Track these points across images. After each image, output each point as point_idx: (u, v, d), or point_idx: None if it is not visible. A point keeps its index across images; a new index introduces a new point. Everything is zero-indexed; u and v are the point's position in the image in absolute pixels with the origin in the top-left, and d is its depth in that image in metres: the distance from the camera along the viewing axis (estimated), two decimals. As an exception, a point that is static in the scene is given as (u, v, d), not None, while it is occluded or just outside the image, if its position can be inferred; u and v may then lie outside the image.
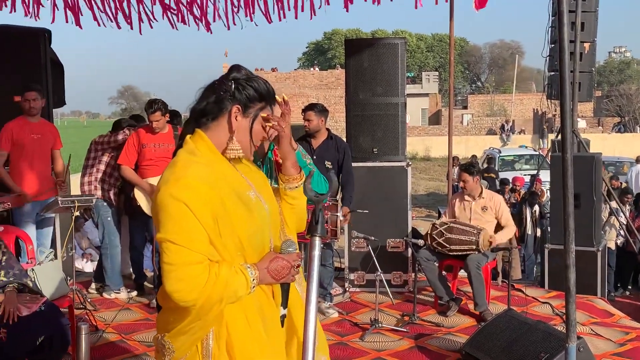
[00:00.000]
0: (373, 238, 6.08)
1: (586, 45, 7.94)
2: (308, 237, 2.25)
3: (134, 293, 6.75)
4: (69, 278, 5.52)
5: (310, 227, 2.24)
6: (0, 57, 6.94)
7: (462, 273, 6.74)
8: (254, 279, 2.21)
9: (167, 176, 2.19)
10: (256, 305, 2.27)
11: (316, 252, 2.21)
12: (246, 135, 2.33)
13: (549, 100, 8.74)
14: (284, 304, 2.37)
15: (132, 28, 7.45)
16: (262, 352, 2.24)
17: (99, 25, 7.35)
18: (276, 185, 3.27)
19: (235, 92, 2.29)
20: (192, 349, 2.24)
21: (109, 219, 6.71)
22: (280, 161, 3.24)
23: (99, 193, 6.57)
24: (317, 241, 2.23)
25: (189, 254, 2.10)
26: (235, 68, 2.36)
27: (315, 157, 4.52)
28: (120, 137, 6.62)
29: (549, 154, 8.67)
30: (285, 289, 2.36)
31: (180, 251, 2.09)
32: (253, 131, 2.34)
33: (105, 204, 6.68)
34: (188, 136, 2.32)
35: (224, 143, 2.31)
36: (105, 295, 6.69)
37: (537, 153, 20.17)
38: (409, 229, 6.95)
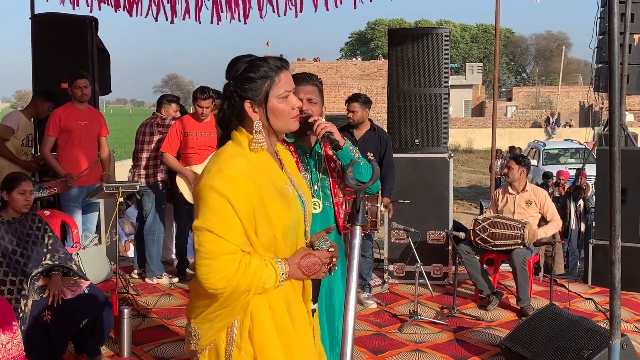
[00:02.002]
0: (413, 230, 6.05)
1: (636, 37, 7.75)
2: (349, 226, 2.24)
3: (176, 279, 6.84)
4: (112, 263, 5.62)
5: (351, 216, 2.23)
6: (48, 45, 7.10)
7: (502, 267, 6.67)
8: (283, 273, 2.23)
9: (210, 166, 2.22)
10: (282, 297, 2.28)
11: (357, 241, 2.20)
12: (273, 119, 2.31)
13: (596, 93, 8.58)
14: (314, 299, 2.43)
15: (172, 22, 7.51)
16: (284, 343, 2.26)
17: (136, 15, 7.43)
18: (326, 177, 3.30)
19: (237, 90, 2.28)
20: (217, 338, 2.27)
21: (152, 205, 6.81)
22: (330, 153, 3.26)
23: (142, 180, 6.66)
24: (358, 230, 2.22)
25: (223, 244, 2.14)
26: (229, 67, 2.33)
27: (357, 148, 4.52)
28: (167, 121, 6.70)
29: (595, 147, 8.50)
30: (317, 284, 2.41)
31: (215, 240, 2.14)
32: (269, 112, 2.29)
33: (149, 190, 6.77)
34: (234, 133, 2.33)
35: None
36: (147, 280, 6.79)
37: (583, 146, 19.76)
38: (450, 222, 6.89)
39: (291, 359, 2.27)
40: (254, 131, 2.28)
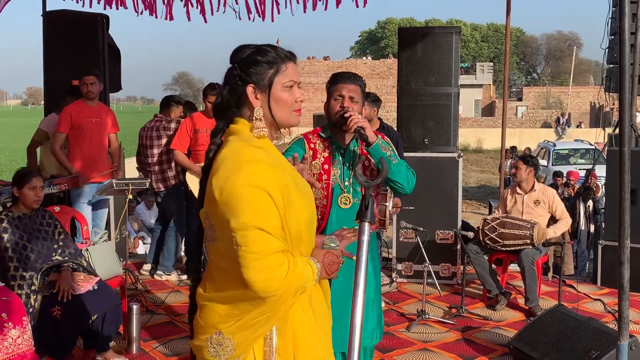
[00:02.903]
0: (422, 229, 6.05)
1: (647, 37, 7.70)
2: (357, 222, 2.24)
3: (184, 276, 6.87)
4: (121, 259, 5.65)
5: (360, 213, 2.22)
6: (59, 42, 7.14)
7: (511, 267, 6.66)
8: (318, 272, 2.16)
9: (231, 166, 2.06)
10: (307, 298, 2.21)
11: (365, 238, 2.19)
12: (275, 108, 2.21)
13: (607, 94, 8.53)
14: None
15: (189, 19, 7.54)
16: (319, 343, 2.20)
17: (151, 15, 7.46)
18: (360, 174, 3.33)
19: (242, 74, 2.18)
20: (253, 346, 2.12)
21: (176, 203, 6.89)
22: (365, 151, 3.34)
23: (160, 185, 6.73)
24: (367, 227, 2.21)
25: (273, 242, 2.01)
26: (234, 52, 2.24)
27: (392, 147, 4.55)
28: (173, 125, 6.75)
29: (605, 148, 8.46)
30: (330, 284, 2.39)
31: (265, 238, 2.00)
32: (272, 100, 2.20)
33: (166, 192, 6.86)
34: (232, 127, 2.21)
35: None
36: (156, 277, 6.83)
37: (593, 147, 19.65)
38: (459, 221, 6.88)
39: None
40: (254, 118, 2.18)
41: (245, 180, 2.01)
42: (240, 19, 7.46)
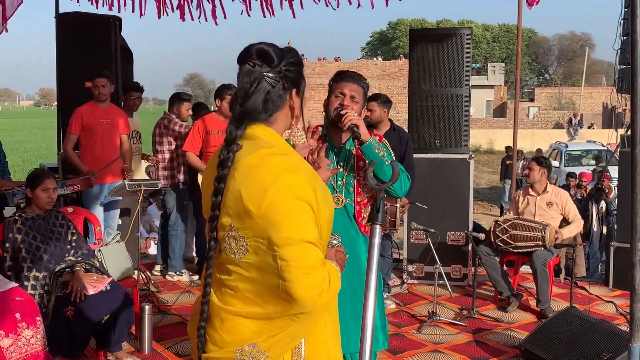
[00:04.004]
0: (433, 230, 6.04)
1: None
2: (368, 224, 2.25)
3: (196, 277, 6.89)
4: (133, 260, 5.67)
5: (371, 215, 2.22)
6: (72, 44, 7.17)
7: (522, 268, 6.64)
8: (339, 275, 2.09)
9: (268, 176, 1.95)
10: None
11: (376, 240, 2.19)
12: (299, 112, 2.19)
13: (619, 95, 8.49)
14: None
15: (206, 20, 7.55)
16: (333, 346, 2.17)
17: (160, 16, 7.48)
18: (352, 175, 3.33)
19: (287, 75, 2.09)
20: (282, 356, 2.06)
21: (174, 202, 6.95)
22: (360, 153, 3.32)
23: (162, 182, 6.77)
24: (378, 229, 2.21)
25: (318, 253, 1.95)
26: (279, 52, 2.10)
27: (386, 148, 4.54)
28: (176, 127, 6.82)
29: (618, 149, 8.43)
30: None
31: (312, 251, 1.93)
32: (304, 104, 2.20)
33: (170, 189, 6.91)
34: (248, 131, 2.06)
35: (281, 130, 2.14)
36: (167, 277, 6.86)
37: (606, 148, 19.56)
38: (470, 223, 6.87)
39: None
40: (292, 124, 2.15)
41: (285, 191, 1.93)
42: (249, 16, 7.46)
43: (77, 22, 7.22)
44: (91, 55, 7.05)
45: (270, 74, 2.06)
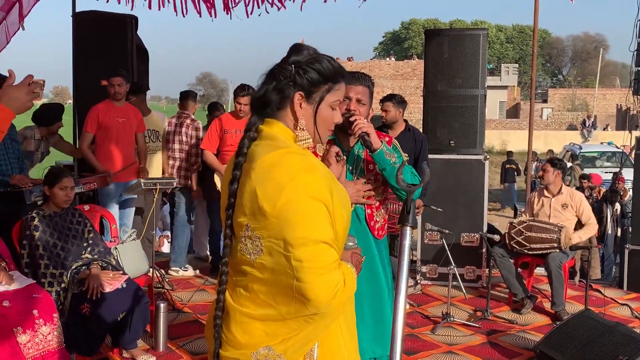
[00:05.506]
0: (447, 231, 6.02)
1: (676, 40, 7.60)
2: (398, 226, 2.22)
3: (198, 271, 7.05)
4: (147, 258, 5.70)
5: (402, 217, 2.19)
6: (89, 42, 7.23)
7: (537, 270, 6.62)
8: (355, 276, 2.07)
9: (284, 176, 1.94)
10: None
11: (407, 242, 2.17)
12: (310, 123, 2.11)
13: (635, 97, 8.43)
14: None
15: (216, 17, 7.58)
16: (346, 348, 2.15)
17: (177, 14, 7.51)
18: (361, 178, 3.30)
19: (296, 77, 2.05)
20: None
21: (184, 200, 7.09)
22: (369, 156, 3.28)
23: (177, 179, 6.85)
24: (408, 231, 2.20)
25: (334, 254, 1.93)
26: (295, 49, 2.11)
27: (396, 154, 4.56)
28: (182, 129, 6.90)
29: (633, 151, 8.37)
30: None
31: (328, 251, 1.91)
32: (318, 117, 2.11)
33: (182, 188, 7.03)
34: (266, 130, 2.09)
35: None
36: (171, 272, 6.92)
37: (620, 150, 19.39)
38: (485, 224, 6.85)
39: None
40: (298, 128, 2.09)
41: (302, 191, 1.91)
42: (268, 13, 7.50)
43: (94, 20, 7.28)
44: (107, 53, 7.10)
45: (280, 67, 2.08)
